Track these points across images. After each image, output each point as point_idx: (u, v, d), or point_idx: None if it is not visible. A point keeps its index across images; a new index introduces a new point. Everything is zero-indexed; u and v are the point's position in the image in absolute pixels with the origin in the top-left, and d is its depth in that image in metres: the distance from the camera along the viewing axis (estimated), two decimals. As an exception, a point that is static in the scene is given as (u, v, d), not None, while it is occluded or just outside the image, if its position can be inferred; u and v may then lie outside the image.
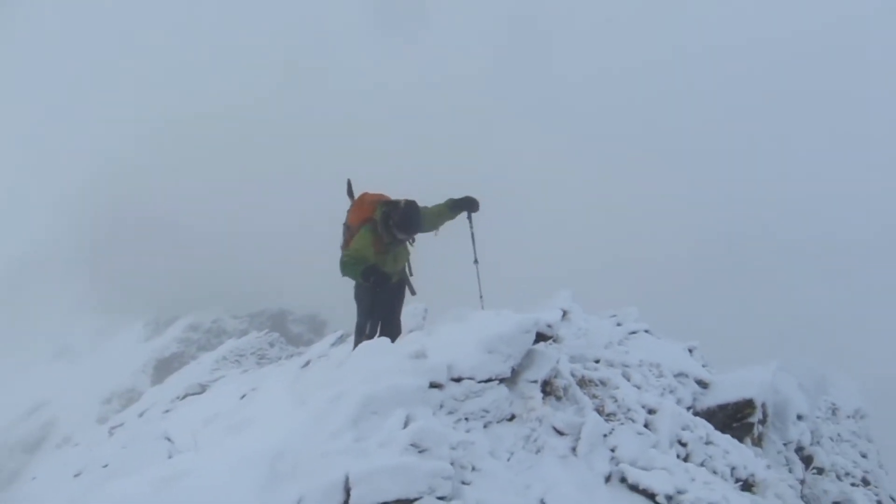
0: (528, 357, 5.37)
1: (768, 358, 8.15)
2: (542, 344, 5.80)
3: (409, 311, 8.62)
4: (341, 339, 11.84)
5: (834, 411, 10.48)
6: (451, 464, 4.01)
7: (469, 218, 7.37)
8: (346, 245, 6.97)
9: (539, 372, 5.28)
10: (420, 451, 4.01)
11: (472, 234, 7.48)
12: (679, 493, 4.41)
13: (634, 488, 4.47)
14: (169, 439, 5.51)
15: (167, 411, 11.14)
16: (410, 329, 8.35)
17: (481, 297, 7.62)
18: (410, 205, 6.68)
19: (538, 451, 4.62)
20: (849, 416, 10.79)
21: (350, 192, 7.12)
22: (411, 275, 7.34)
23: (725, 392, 7.13)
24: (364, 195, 6.95)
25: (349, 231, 6.91)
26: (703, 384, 7.36)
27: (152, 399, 13.76)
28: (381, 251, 6.74)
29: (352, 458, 3.82)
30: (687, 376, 7.33)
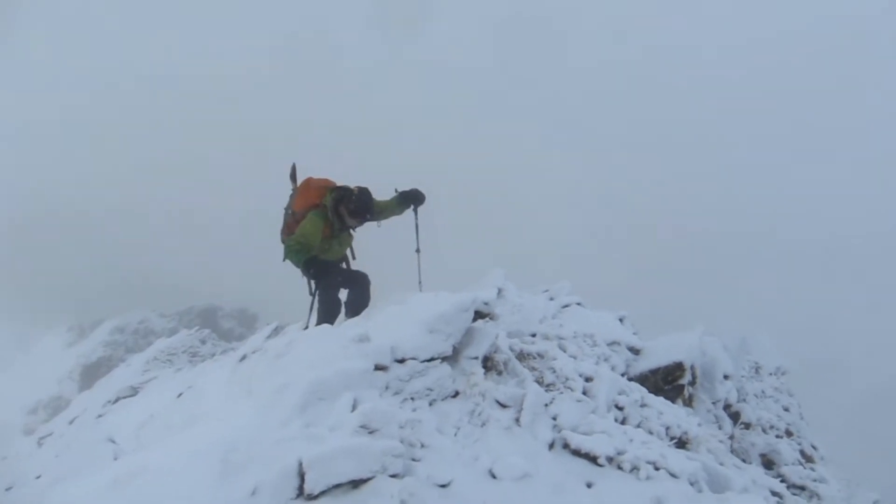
0: (468, 335, 5.50)
1: (694, 323, 8.47)
2: (480, 321, 5.94)
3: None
4: (276, 332, 11.72)
5: (757, 369, 10.93)
6: (401, 442, 4.10)
7: (415, 210, 7.44)
8: (288, 230, 6.90)
9: (479, 348, 5.42)
10: (370, 432, 4.09)
11: (417, 225, 7.59)
12: (619, 453, 4.61)
13: (577, 452, 4.65)
14: (113, 441, 5.43)
15: (100, 416, 10.87)
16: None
17: (420, 283, 7.70)
18: (364, 192, 6.69)
19: (483, 425, 4.76)
20: (771, 374, 11.28)
21: (293, 177, 7.04)
22: (353, 258, 7.35)
23: (656, 357, 7.42)
24: (309, 180, 6.90)
25: (294, 217, 6.85)
26: (635, 351, 7.64)
27: (82, 405, 13.35)
28: (328, 236, 6.74)
29: (304, 443, 3.88)
30: (619, 344, 7.60)
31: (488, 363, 5.46)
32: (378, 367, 4.84)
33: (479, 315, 5.85)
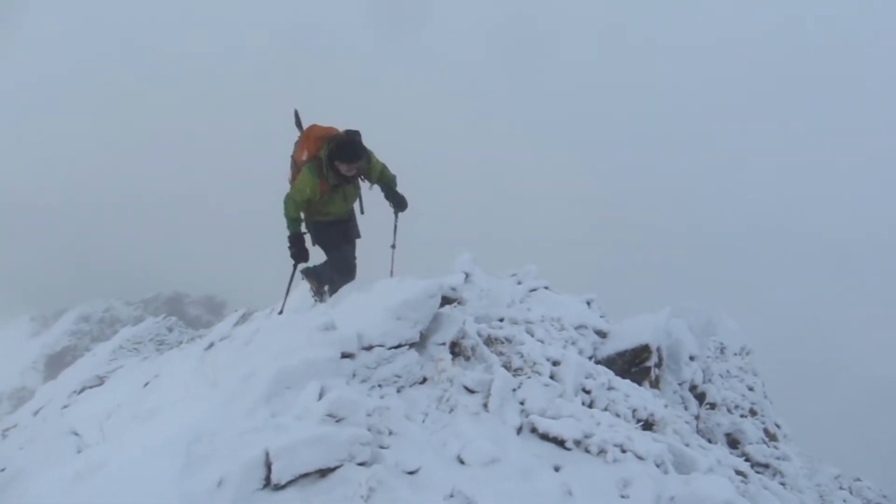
0: (436, 321, 5.49)
1: (660, 304, 8.56)
2: (447, 307, 5.93)
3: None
4: (244, 319, 11.65)
5: (722, 350, 11.10)
6: (369, 430, 4.09)
7: (396, 214, 7.32)
8: (293, 180, 6.70)
9: (447, 334, 5.41)
10: (337, 421, 4.07)
11: (396, 225, 7.49)
12: (586, 437, 4.64)
13: (545, 437, 4.68)
14: (76, 433, 5.35)
15: (65, 407, 10.72)
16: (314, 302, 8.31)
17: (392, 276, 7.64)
18: (351, 133, 6.38)
19: (451, 411, 4.76)
20: (736, 354, 11.45)
21: (298, 124, 6.76)
22: (362, 213, 7.20)
23: (623, 340, 7.49)
24: (313, 127, 6.58)
25: (296, 166, 6.64)
26: (602, 334, 7.70)
27: (47, 396, 13.16)
28: (328, 191, 6.52)
29: (270, 433, 3.85)
30: (587, 327, 7.65)
31: (456, 349, 5.46)
32: (345, 355, 4.81)
33: (446, 300, 5.84)
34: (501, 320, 7.06)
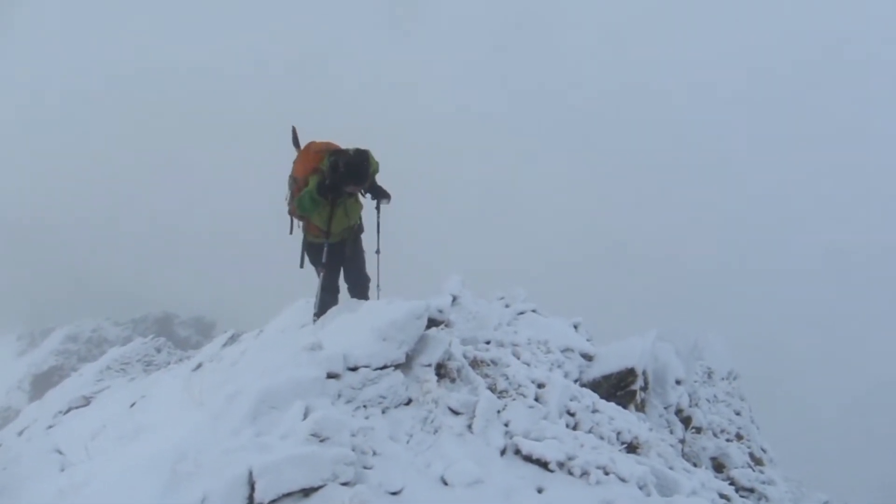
0: (422, 342, 5.52)
1: (647, 327, 8.61)
2: (434, 329, 5.96)
3: (301, 305, 8.60)
4: (232, 340, 11.61)
5: (709, 374, 11.16)
6: (353, 450, 4.11)
7: (377, 208, 7.32)
8: (292, 198, 6.73)
9: (432, 356, 5.45)
10: (321, 440, 4.09)
11: (378, 225, 7.43)
12: (570, 458, 4.67)
13: (528, 458, 4.70)
14: (59, 452, 5.34)
15: (51, 427, 10.65)
16: (302, 323, 8.34)
17: (378, 287, 7.66)
18: (360, 153, 6.43)
19: (436, 432, 4.78)
20: (723, 378, 11.52)
21: (296, 142, 6.84)
22: (362, 231, 7.24)
23: (609, 363, 7.54)
24: (311, 144, 6.71)
25: (296, 183, 6.66)
26: (588, 357, 7.74)
27: (32, 416, 13.01)
28: (329, 204, 6.56)
29: (254, 452, 3.86)
30: (573, 351, 7.70)
31: (441, 370, 5.49)
32: (330, 375, 4.84)
33: (433, 322, 5.88)
34: (488, 343, 7.11)
